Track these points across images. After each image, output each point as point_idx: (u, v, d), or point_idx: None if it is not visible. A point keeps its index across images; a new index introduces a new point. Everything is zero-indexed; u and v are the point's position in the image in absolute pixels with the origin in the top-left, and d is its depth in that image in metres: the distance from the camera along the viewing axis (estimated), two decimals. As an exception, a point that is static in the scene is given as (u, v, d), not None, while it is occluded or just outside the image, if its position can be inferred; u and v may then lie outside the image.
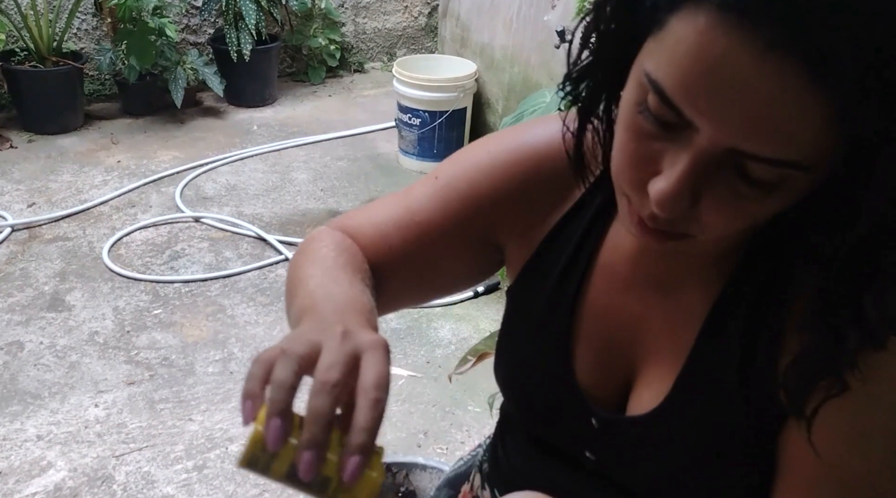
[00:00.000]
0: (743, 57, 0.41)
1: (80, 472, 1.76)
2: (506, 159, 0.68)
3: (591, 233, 0.66)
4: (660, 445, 0.63)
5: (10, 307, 2.29)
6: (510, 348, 0.73)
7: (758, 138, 0.44)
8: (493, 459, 0.83)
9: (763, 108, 0.42)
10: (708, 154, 0.46)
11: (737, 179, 0.47)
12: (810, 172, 0.45)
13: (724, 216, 0.49)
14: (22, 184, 2.95)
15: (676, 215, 0.49)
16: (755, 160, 0.45)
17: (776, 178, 0.46)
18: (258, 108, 3.69)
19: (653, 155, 0.49)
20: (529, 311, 0.70)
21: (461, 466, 0.98)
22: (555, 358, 0.68)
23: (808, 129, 0.42)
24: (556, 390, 0.68)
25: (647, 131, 0.49)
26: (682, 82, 0.44)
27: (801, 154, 0.44)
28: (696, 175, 0.47)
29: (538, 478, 0.75)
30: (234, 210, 2.85)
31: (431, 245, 0.71)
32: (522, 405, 0.74)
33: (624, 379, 0.67)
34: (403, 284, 0.74)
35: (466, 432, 1.91)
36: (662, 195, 0.48)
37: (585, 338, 0.67)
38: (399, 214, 0.72)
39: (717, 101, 0.43)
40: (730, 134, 0.44)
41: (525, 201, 0.68)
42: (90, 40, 3.59)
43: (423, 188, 0.73)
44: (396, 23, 4.32)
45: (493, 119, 3.17)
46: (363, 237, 0.72)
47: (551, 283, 0.68)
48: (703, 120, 0.45)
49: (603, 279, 0.67)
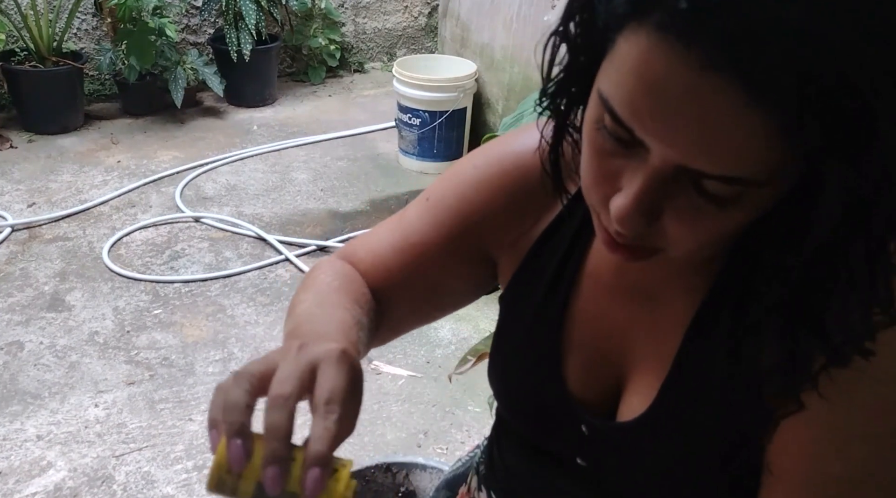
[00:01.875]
0: (681, 77, 0.42)
1: (80, 472, 1.76)
2: (492, 172, 0.69)
3: (579, 240, 0.67)
4: (648, 451, 0.63)
5: (10, 307, 2.29)
6: (502, 356, 0.74)
7: (704, 156, 0.44)
8: (490, 462, 0.83)
9: (705, 126, 0.42)
10: (661, 172, 0.47)
11: (694, 195, 0.47)
12: (768, 187, 0.45)
13: (688, 230, 0.49)
14: (22, 184, 2.95)
15: (637, 232, 0.50)
16: (706, 178, 0.45)
17: (732, 193, 0.46)
18: (258, 108, 3.69)
19: (614, 172, 0.50)
20: (520, 319, 0.71)
21: (459, 468, 0.98)
22: (545, 366, 0.68)
23: (752, 146, 0.43)
24: (547, 398, 0.69)
25: (607, 149, 0.49)
26: (629, 102, 0.45)
27: (750, 171, 0.44)
28: (652, 192, 0.48)
29: (533, 481, 0.75)
30: (234, 210, 2.85)
31: (429, 264, 0.72)
32: (515, 412, 0.75)
33: (614, 386, 0.67)
34: (408, 307, 0.75)
35: (466, 432, 1.91)
36: (621, 212, 0.49)
37: (575, 345, 0.68)
38: (395, 238, 0.73)
39: (662, 120, 0.44)
40: (677, 152, 0.45)
41: (514, 211, 0.69)
42: (90, 40, 3.59)
43: (415, 210, 0.74)
44: (396, 23, 4.32)
45: (493, 119, 3.17)
46: (362, 264, 0.74)
47: (541, 291, 0.68)
48: (650, 139, 0.45)
49: (590, 287, 0.67)
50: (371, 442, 1.87)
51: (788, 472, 0.57)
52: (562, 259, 0.67)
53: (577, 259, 0.67)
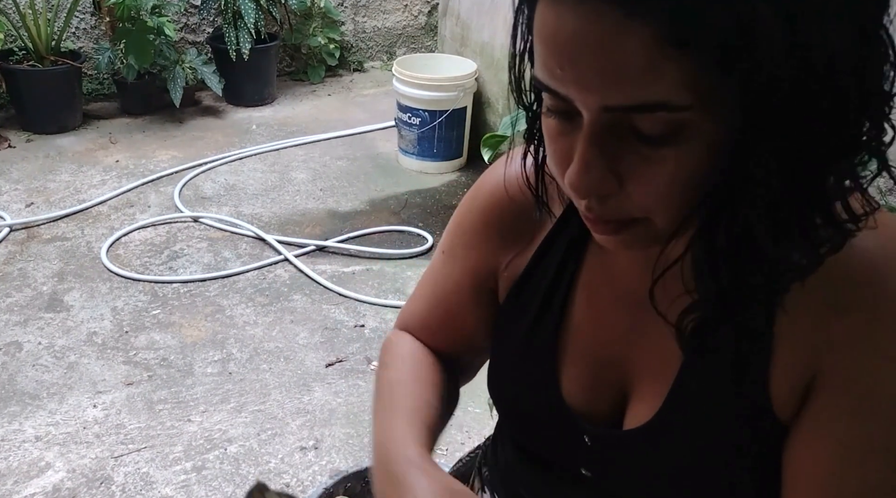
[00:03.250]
0: (569, 20, 0.46)
1: (79, 473, 1.75)
2: (478, 210, 0.74)
3: (571, 255, 0.68)
4: (654, 459, 0.63)
5: (8, 307, 2.29)
6: (500, 370, 0.74)
7: (616, 87, 0.46)
8: (493, 463, 0.83)
9: (600, 56, 0.46)
10: (593, 123, 0.49)
11: (637, 143, 0.49)
12: (697, 114, 0.46)
13: (648, 185, 0.50)
14: (20, 183, 2.94)
15: (592, 191, 0.51)
16: (630, 111, 0.47)
17: (667, 128, 0.47)
18: (257, 107, 3.69)
19: (568, 150, 0.52)
20: (516, 333, 0.71)
21: (460, 468, 0.98)
22: (541, 379, 0.69)
23: (646, 64, 0.45)
24: (546, 411, 0.69)
25: (557, 129, 0.53)
26: (545, 64, 0.49)
27: (661, 93, 0.45)
28: (594, 148, 0.49)
29: (538, 489, 0.75)
30: (233, 210, 2.84)
31: (459, 307, 0.77)
32: (516, 426, 0.75)
33: (619, 395, 0.66)
34: (465, 357, 0.81)
35: (466, 433, 1.91)
36: (572, 178, 0.51)
37: (573, 357, 0.68)
38: (428, 293, 0.81)
39: (569, 66, 0.47)
40: (592, 93, 0.47)
41: (506, 241, 0.72)
42: (89, 39, 3.58)
43: (436, 264, 0.80)
44: (396, 22, 4.31)
45: (494, 118, 3.16)
46: (414, 331, 0.82)
47: (536, 305, 0.69)
48: (568, 89, 0.48)
49: (586, 297, 0.67)
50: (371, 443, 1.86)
51: (804, 485, 0.56)
52: (556, 272, 0.68)
53: (571, 271, 0.68)
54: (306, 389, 2.02)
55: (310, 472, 1.77)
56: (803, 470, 0.56)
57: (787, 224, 0.49)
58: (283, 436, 1.87)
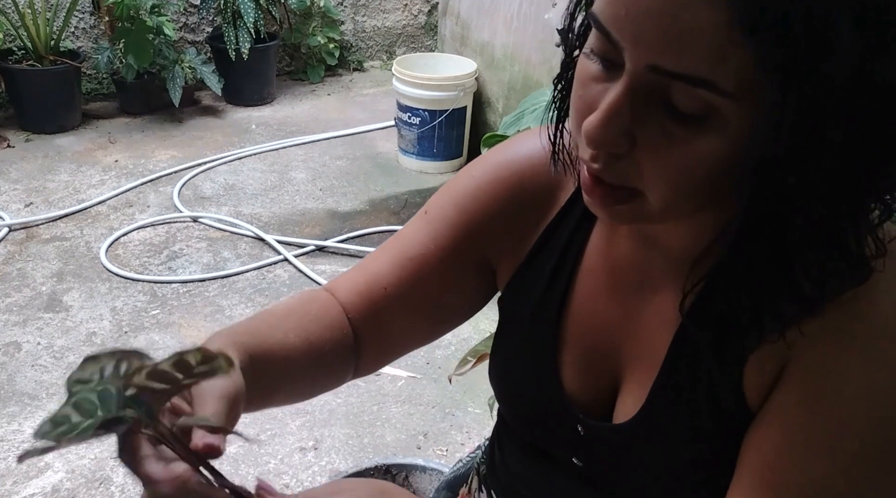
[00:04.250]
0: None
1: (78, 473, 1.75)
2: (488, 180, 0.70)
3: (575, 239, 0.68)
4: (641, 453, 0.63)
5: (7, 308, 2.28)
6: (501, 356, 0.74)
7: (671, 52, 0.45)
8: (491, 462, 0.83)
9: (670, 18, 0.44)
10: (634, 77, 0.48)
11: (665, 116, 0.48)
12: (734, 106, 0.45)
13: (661, 163, 0.49)
14: (19, 183, 2.94)
15: (606, 148, 0.50)
16: (674, 78, 0.46)
17: (700, 108, 0.46)
18: (257, 107, 3.68)
19: (595, 98, 0.51)
20: (518, 318, 0.71)
21: (460, 468, 0.98)
22: (542, 366, 0.69)
23: (713, 40, 0.44)
24: (544, 398, 0.69)
25: (593, 74, 0.51)
26: (608, 4, 0.48)
27: (713, 72, 0.44)
28: (624, 103, 0.48)
29: (533, 481, 0.75)
30: (233, 210, 2.84)
31: (427, 278, 0.72)
32: (514, 412, 0.75)
33: (609, 386, 0.67)
34: (404, 324, 0.75)
35: (466, 434, 1.90)
36: (591, 126, 0.50)
37: (571, 345, 0.68)
38: (392, 255, 0.73)
39: (633, 17, 0.46)
40: (647, 49, 0.46)
41: (513, 218, 0.70)
42: (88, 39, 3.57)
43: (414, 225, 0.74)
44: (396, 21, 4.31)
45: (494, 118, 3.16)
46: (356, 286, 0.73)
47: (539, 291, 0.69)
48: (624, 37, 0.47)
49: (587, 284, 0.67)
50: (370, 443, 1.86)
51: (753, 470, 0.56)
52: (559, 258, 0.68)
53: (573, 257, 0.67)
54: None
55: (310, 472, 1.77)
56: (751, 456, 0.56)
57: (824, 250, 0.49)
58: (283, 436, 1.86)
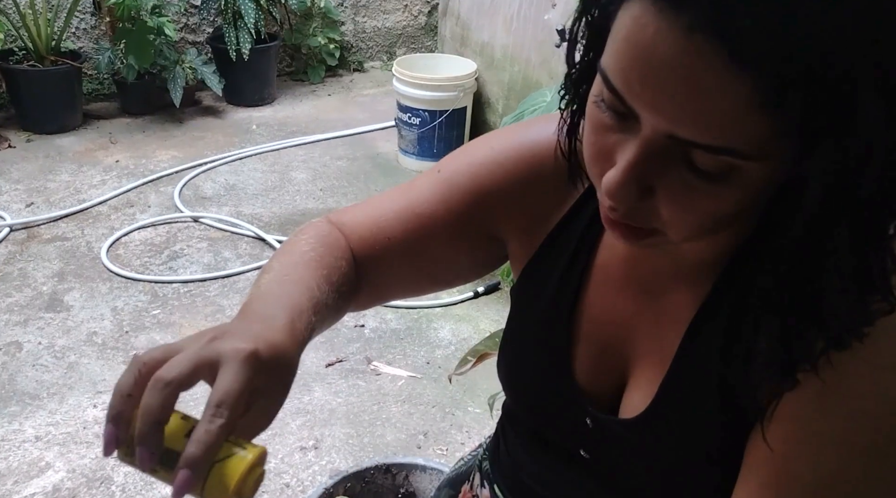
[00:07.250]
0: (669, 40, 0.43)
1: (79, 473, 1.75)
2: (508, 156, 0.69)
3: (590, 233, 0.67)
4: (648, 448, 0.63)
5: (8, 307, 2.29)
6: (512, 347, 0.74)
7: (691, 123, 0.45)
8: (495, 455, 0.83)
9: (691, 91, 0.43)
10: (651, 142, 0.47)
11: (685, 170, 0.47)
12: (756, 164, 0.45)
13: (680, 210, 0.49)
14: (20, 183, 2.94)
15: (626, 204, 0.50)
16: (694, 147, 0.45)
17: (722, 168, 0.46)
18: (257, 107, 3.69)
19: (610, 148, 0.50)
20: (531, 310, 0.71)
21: (462, 467, 0.98)
22: (554, 357, 0.69)
23: (737, 115, 0.43)
24: (554, 389, 0.69)
25: (605, 124, 0.50)
26: (622, 69, 0.46)
27: (736, 141, 0.44)
28: (643, 164, 0.48)
29: (538, 472, 0.75)
30: (233, 210, 2.84)
31: (432, 237, 0.71)
32: (522, 403, 0.75)
33: (618, 380, 0.67)
34: (402, 275, 0.75)
35: (466, 433, 1.91)
36: (610, 184, 0.49)
37: (583, 338, 0.68)
38: (400, 206, 0.73)
39: (650, 86, 0.45)
40: (665, 119, 0.45)
41: (526, 198, 0.69)
42: (89, 39, 3.58)
43: (425, 182, 0.73)
44: (396, 22, 4.31)
45: (494, 118, 3.16)
46: (360, 228, 0.73)
47: (553, 283, 0.69)
48: (640, 105, 0.46)
49: (600, 279, 0.67)
50: (370, 443, 1.87)
51: (761, 466, 0.56)
52: (573, 252, 0.68)
53: (587, 252, 0.67)
54: (306, 389, 2.02)
55: (310, 472, 1.77)
56: (760, 451, 0.56)
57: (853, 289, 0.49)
58: (283, 436, 1.87)
